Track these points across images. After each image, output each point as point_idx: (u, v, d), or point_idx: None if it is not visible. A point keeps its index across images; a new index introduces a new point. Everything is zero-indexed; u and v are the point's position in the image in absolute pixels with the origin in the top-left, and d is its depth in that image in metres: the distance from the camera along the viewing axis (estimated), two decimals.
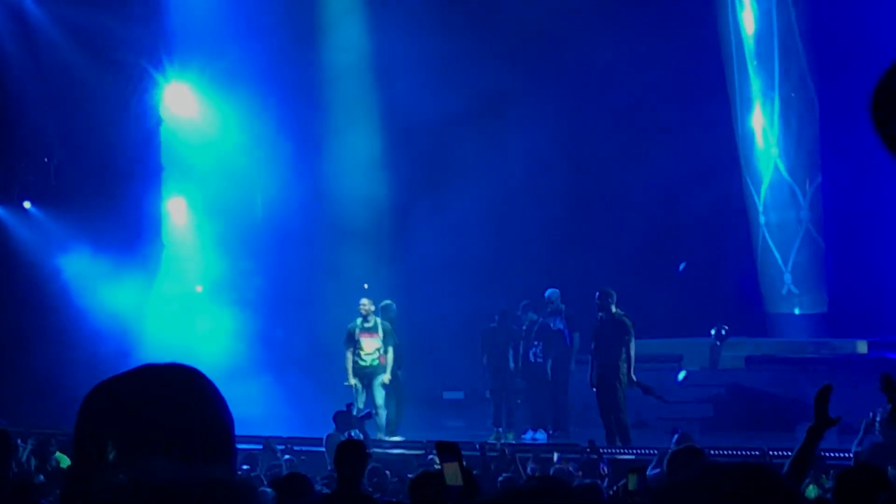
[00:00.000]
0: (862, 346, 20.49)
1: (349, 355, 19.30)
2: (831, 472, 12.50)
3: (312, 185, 23.71)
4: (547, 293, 19.27)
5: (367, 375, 19.25)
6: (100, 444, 2.02)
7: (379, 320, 19.38)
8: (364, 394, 19.22)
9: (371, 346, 19.25)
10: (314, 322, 22.59)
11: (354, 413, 17.82)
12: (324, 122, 24.42)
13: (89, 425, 2.07)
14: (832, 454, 13.52)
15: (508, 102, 23.06)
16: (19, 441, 13.99)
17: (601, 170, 23.26)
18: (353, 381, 19.25)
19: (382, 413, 19.10)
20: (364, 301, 19.47)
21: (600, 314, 17.88)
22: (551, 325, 19.16)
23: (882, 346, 20.73)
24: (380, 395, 19.20)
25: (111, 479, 1.96)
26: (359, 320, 19.36)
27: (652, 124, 22.94)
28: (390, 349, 19.32)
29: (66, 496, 2.12)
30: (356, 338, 19.31)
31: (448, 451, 4.51)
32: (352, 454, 8.24)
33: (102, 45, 22.16)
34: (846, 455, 13.23)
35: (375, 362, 19.23)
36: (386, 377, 19.22)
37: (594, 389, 17.87)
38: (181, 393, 2.07)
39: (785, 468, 6.10)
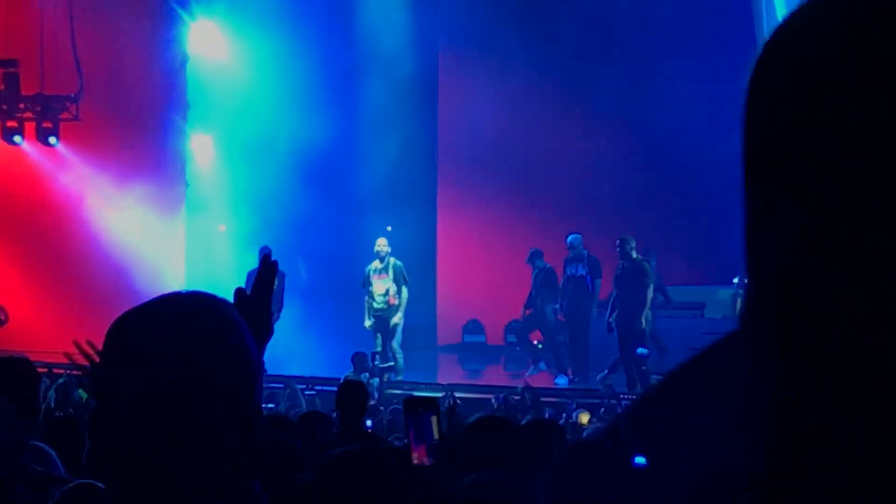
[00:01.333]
0: None
1: (366, 297, 19.37)
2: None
3: (339, 128, 23.59)
4: (568, 239, 19.15)
5: (381, 319, 19.25)
6: (122, 385, 2.02)
7: (392, 261, 19.31)
8: (380, 337, 19.23)
9: (381, 287, 19.22)
10: (339, 263, 22.65)
11: (377, 362, 17.93)
12: (354, 65, 24.29)
13: (111, 365, 2.07)
14: None
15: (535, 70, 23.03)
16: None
17: (616, 112, 23.14)
18: (368, 323, 19.30)
19: (400, 356, 19.09)
20: (379, 241, 19.43)
21: (621, 261, 17.87)
22: (573, 271, 19.07)
23: None
24: (395, 338, 19.21)
25: None
26: (375, 262, 19.36)
27: (678, 71, 22.73)
28: (403, 289, 19.28)
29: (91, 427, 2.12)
30: (370, 280, 19.33)
31: (424, 405, 4.50)
32: (350, 395, 8.54)
33: None
34: None
35: (385, 304, 19.21)
36: (397, 317, 19.22)
37: (613, 333, 17.91)
38: (208, 327, 2.06)
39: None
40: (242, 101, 23.43)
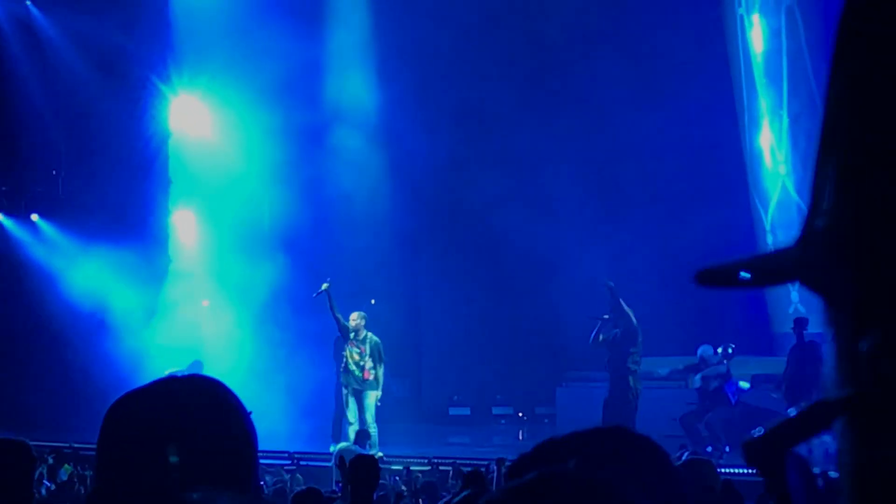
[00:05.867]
0: None
1: (342, 369, 19.28)
2: None
3: (321, 198, 23.63)
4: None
5: (354, 385, 19.19)
6: (125, 466, 2.00)
7: (369, 335, 19.25)
8: (353, 402, 19.11)
9: (355, 356, 19.13)
10: (324, 339, 22.59)
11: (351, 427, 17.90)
12: (331, 133, 24.40)
13: (113, 443, 2.05)
14: None
15: (516, 111, 23.14)
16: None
17: (608, 188, 23.27)
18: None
19: (373, 430, 18.92)
20: (353, 315, 19.32)
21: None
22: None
23: None
24: (369, 412, 19.13)
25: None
26: (352, 334, 19.25)
27: (660, 143, 22.90)
28: (380, 367, 19.09)
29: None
30: (348, 341, 19.26)
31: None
32: (364, 471, 8.46)
33: (110, 58, 22.25)
34: None
35: (360, 374, 19.13)
36: (374, 395, 19.02)
37: None
38: (207, 409, 2.05)
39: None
40: (226, 177, 23.43)
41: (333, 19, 24.83)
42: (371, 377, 18.97)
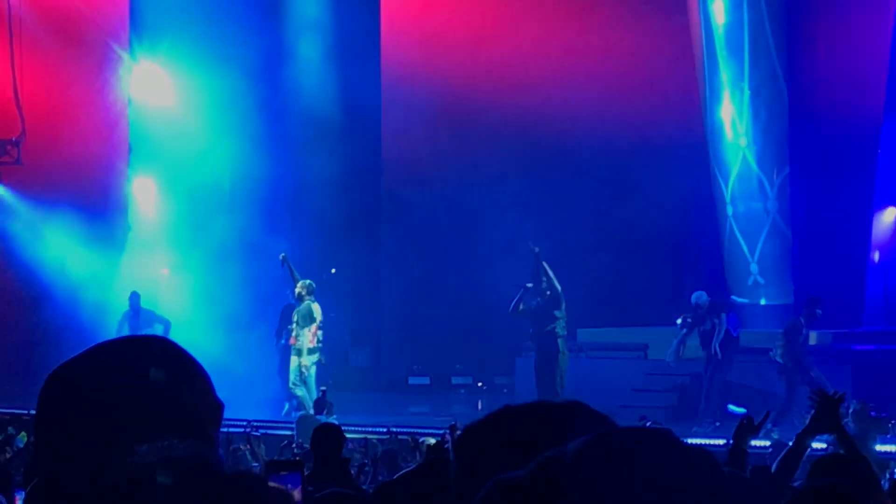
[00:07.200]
0: (826, 338, 20.56)
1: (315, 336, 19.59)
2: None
3: (282, 165, 23.54)
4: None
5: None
6: (62, 430, 1.98)
7: (306, 303, 19.54)
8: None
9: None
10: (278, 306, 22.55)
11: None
12: (292, 101, 24.29)
13: (50, 410, 2.03)
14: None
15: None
16: None
17: (567, 160, 23.31)
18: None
19: (299, 391, 19.17)
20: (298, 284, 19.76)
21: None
22: None
23: (847, 337, 20.83)
24: (292, 375, 19.42)
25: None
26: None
27: (619, 116, 22.91)
28: (305, 334, 19.40)
29: (28, 478, 2.08)
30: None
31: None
32: (329, 440, 8.64)
33: (70, 25, 22.06)
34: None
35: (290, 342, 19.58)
36: (294, 360, 19.41)
37: None
38: (142, 369, 2.01)
39: (773, 468, 6.51)
40: (186, 144, 23.29)
41: None
42: (296, 343, 19.38)
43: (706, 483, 1.49)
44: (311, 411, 17.57)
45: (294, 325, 19.50)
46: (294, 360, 19.40)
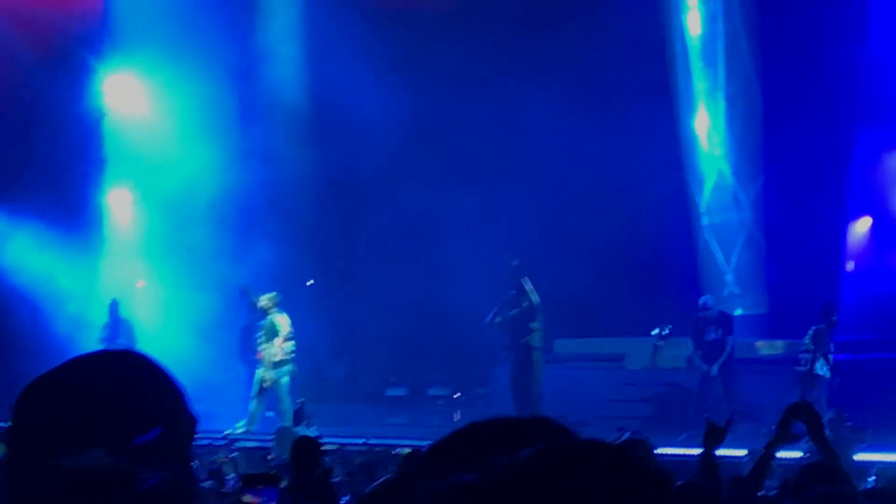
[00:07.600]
0: (801, 347, 20.59)
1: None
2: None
3: (256, 177, 23.51)
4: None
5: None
6: (35, 438, 1.98)
7: (271, 316, 19.34)
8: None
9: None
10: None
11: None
12: (268, 109, 24.29)
13: (24, 419, 2.03)
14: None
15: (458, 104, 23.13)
16: None
17: (542, 171, 23.31)
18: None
19: (252, 404, 19.13)
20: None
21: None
22: None
23: None
24: (254, 388, 19.31)
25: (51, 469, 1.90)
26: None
27: (593, 125, 22.92)
28: (269, 347, 19.23)
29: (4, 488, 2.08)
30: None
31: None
32: (307, 452, 8.69)
33: (44, 35, 22.00)
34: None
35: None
36: (258, 372, 19.25)
37: None
38: (119, 381, 2.01)
39: (746, 475, 6.67)
40: (161, 155, 23.25)
41: None
42: (262, 356, 19.24)
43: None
44: (289, 423, 17.53)
45: (261, 339, 19.35)
46: (258, 373, 19.32)
